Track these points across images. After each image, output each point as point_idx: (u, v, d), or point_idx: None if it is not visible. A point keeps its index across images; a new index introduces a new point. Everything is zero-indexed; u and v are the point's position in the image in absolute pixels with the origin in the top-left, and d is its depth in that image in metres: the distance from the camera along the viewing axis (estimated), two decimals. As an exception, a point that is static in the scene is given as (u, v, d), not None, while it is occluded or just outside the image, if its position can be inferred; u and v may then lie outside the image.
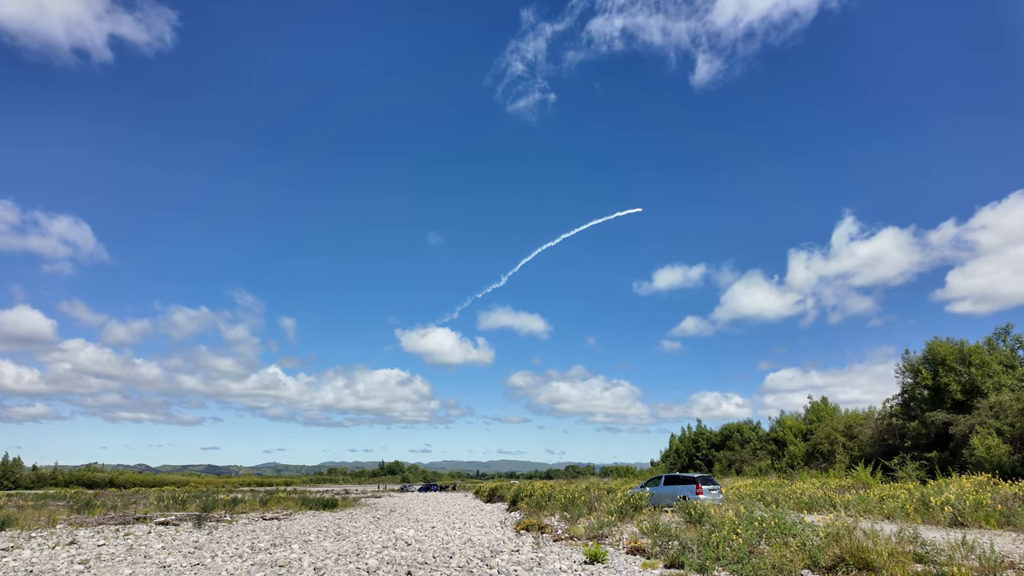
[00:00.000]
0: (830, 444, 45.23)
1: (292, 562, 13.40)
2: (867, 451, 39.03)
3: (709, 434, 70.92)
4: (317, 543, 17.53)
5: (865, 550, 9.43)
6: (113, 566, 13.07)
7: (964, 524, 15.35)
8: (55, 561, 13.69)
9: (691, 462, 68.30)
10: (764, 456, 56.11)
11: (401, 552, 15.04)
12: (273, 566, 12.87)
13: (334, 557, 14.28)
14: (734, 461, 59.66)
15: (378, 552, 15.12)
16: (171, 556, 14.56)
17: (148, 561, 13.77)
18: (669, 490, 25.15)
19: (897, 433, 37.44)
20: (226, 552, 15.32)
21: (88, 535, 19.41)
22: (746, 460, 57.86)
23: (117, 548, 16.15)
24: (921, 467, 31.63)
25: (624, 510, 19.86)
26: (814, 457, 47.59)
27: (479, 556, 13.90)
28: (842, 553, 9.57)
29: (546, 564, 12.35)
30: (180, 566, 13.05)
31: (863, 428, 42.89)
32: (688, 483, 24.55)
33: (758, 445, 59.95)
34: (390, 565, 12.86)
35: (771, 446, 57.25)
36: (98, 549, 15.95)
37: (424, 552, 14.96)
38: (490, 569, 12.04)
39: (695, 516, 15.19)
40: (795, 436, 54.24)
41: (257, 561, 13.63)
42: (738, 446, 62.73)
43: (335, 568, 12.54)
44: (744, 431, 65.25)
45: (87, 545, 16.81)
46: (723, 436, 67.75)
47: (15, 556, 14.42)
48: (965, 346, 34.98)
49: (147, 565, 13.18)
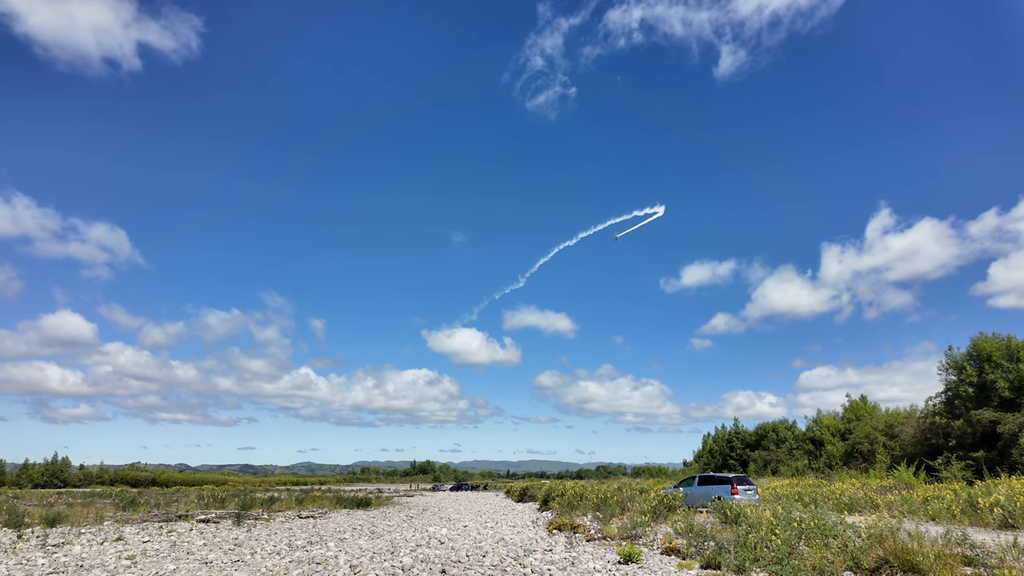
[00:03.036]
0: (870, 444, 44.07)
1: (328, 559, 13.62)
2: (909, 451, 37.89)
3: (743, 434, 69.79)
4: (352, 541, 17.78)
5: (910, 552, 9.15)
6: (158, 562, 13.48)
7: (1015, 526, 14.77)
8: (103, 557, 14.18)
9: (725, 462, 67.28)
10: (801, 456, 54.95)
11: (435, 551, 15.16)
12: (310, 563, 13.10)
13: (369, 555, 14.47)
14: (769, 461, 58.55)
15: (412, 550, 15.27)
16: (212, 553, 14.95)
17: (191, 557, 14.16)
18: (703, 490, 24.80)
19: (941, 432, 36.24)
20: (265, 549, 15.66)
21: (133, 532, 20.06)
22: (782, 460, 56.75)
23: (161, 545, 16.65)
24: (967, 467, 30.56)
25: (657, 510, 19.66)
26: (853, 457, 46.44)
27: (512, 555, 13.92)
28: (886, 555, 9.31)
29: (580, 564, 12.30)
30: (221, 562, 13.38)
31: (904, 427, 41.65)
32: (723, 483, 24.18)
33: (794, 445, 58.75)
34: (424, 563, 12.97)
35: (808, 446, 56.06)
36: (143, 545, 16.47)
37: (457, 551, 15.04)
38: (524, 568, 12.04)
39: (731, 516, 14.95)
40: (833, 435, 53.03)
41: (295, 558, 13.90)
42: (773, 446, 61.57)
43: (370, 566, 12.70)
44: (779, 430, 64.03)
45: (133, 541, 17.38)
46: (758, 436, 66.59)
47: (66, 552, 14.99)
48: (1013, 341, 33.65)
49: (190, 561, 13.56)
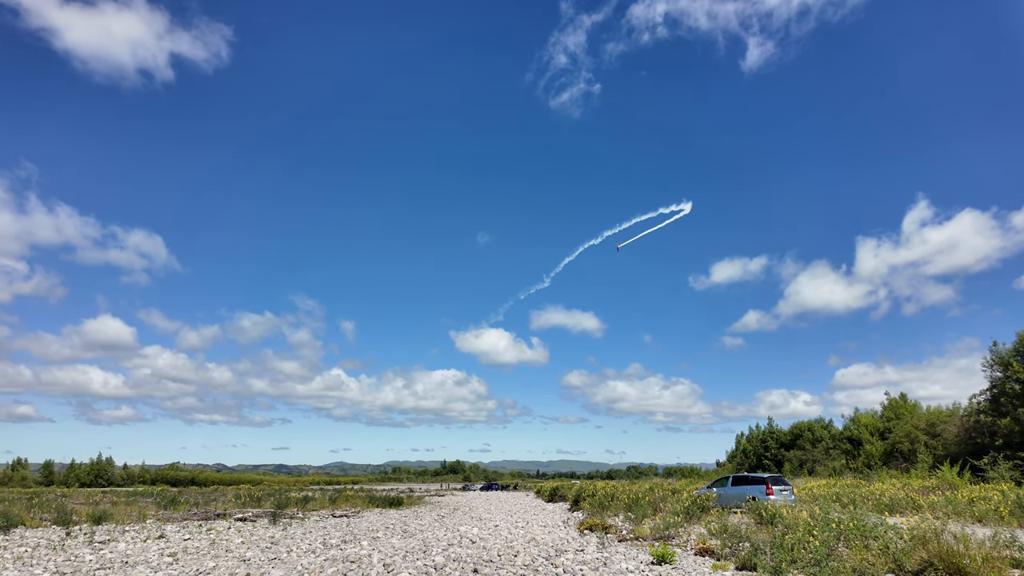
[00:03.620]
0: (911, 443, 42.82)
1: (362, 558, 13.80)
2: (952, 450, 36.69)
3: (778, 433, 68.51)
4: (385, 540, 17.99)
5: (956, 554, 8.86)
6: (198, 559, 13.84)
7: (1068, 528, 14.18)
8: (147, 554, 14.62)
9: (759, 462, 66.13)
10: (838, 456, 53.69)
11: (466, 550, 15.23)
12: (344, 562, 13.29)
13: (402, 554, 14.62)
14: (805, 461, 57.35)
15: (444, 549, 15.37)
16: (250, 551, 15.28)
17: (229, 555, 14.50)
18: (737, 491, 24.44)
19: (986, 431, 34.98)
20: (300, 548, 15.94)
21: (175, 530, 20.63)
22: (818, 460, 55.54)
23: (201, 542, 17.09)
24: (1015, 467, 29.45)
25: (691, 511, 19.42)
26: (893, 457, 45.20)
27: (544, 555, 13.90)
28: (930, 557, 9.03)
29: (612, 564, 12.22)
30: (259, 560, 13.67)
31: (947, 426, 40.36)
32: (757, 483, 23.79)
33: (831, 444, 57.43)
34: (456, 563, 13.04)
35: (845, 445, 54.75)
36: (184, 543, 16.94)
37: (489, 550, 15.09)
38: (555, 568, 12.02)
39: (766, 517, 14.68)
40: (871, 434, 51.71)
41: (329, 557, 14.12)
42: (809, 445, 60.29)
43: (403, 564, 12.83)
44: (815, 430, 62.67)
45: (174, 539, 17.88)
46: (793, 435, 65.28)
47: (111, 548, 15.51)
48: (1063, 336, 32.31)
49: (229, 559, 13.88)
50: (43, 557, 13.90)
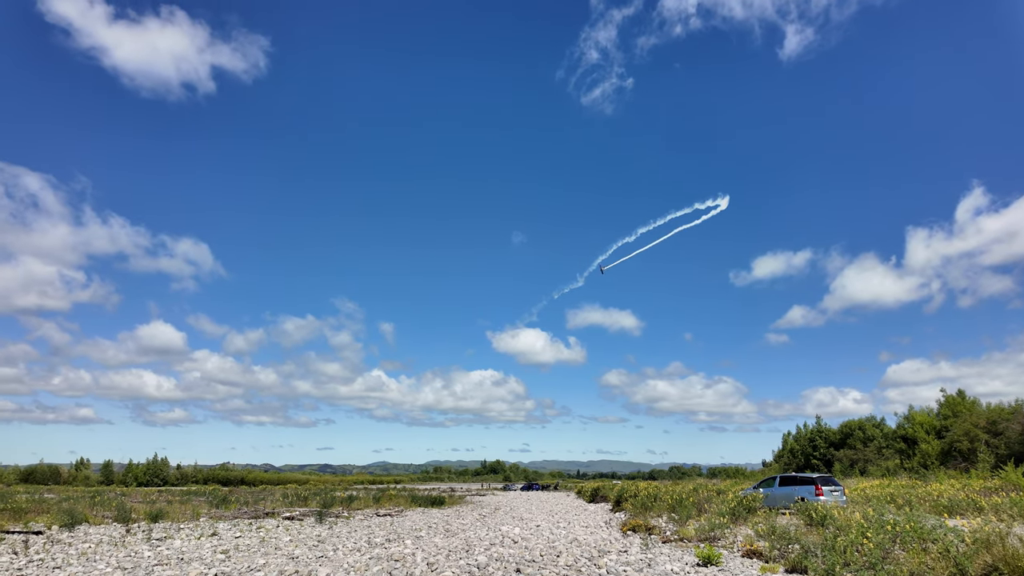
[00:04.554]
0: (970, 442, 40.93)
1: (406, 557, 13.98)
2: (1016, 449, 34.92)
3: (827, 432, 66.46)
4: (428, 539, 18.18)
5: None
6: (249, 556, 14.27)
7: None
8: (201, 551, 15.16)
9: (807, 462, 64.27)
10: (891, 455, 51.78)
11: (509, 550, 15.26)
12: (389, 560, 13.49)
13: (445, 553, 14.74)
14: (856, 461, 55.45)
15: (486, 549, 15.44)
16: (298, 549, 15.67)
17: (279, 553, 14.90)
18: (785, 491, 23.81)
19: (1054, 429, 33.17)
20: (346, 546, 16.26)
21: (226, 528, 21.32)
22: (870, 459, 53.64)
23: (251, 540, 17.62)
24: (1087, 467, 27.82)
25: (737, 511, 19.01)
26: (951, 456, 43.31)
27: (587, 555, 13.82)
28: (995, 561, 8.60)
29: (656, 565, 12.06)
30: (307, 558, 14.00)
31: (1010, 424, 38.43)
32: (807, 484, 23.13)
33: (883, 443, 55.42)
34: (499, 562, 13.08)
35: (899, 444, 52.77)
36: (236, 540, 17.48)
37: (531, 550, 15.08)
38: (599, 569, 11.93)
39: (817, 518, 14.25)
40: (927, 433, 49.67)
41: (374, 555, 14.35)
42: (860, 444, 58.28)
43: (447, 563, 12.93)
44: (867, 428, 60.54)
45: (226, 537, 18.48)
46: (843, 434, 63.22)
47: (168, 545, 16.14)
48: None
49: (278, 556, 14.26)
50: (105, 553, 14.55)
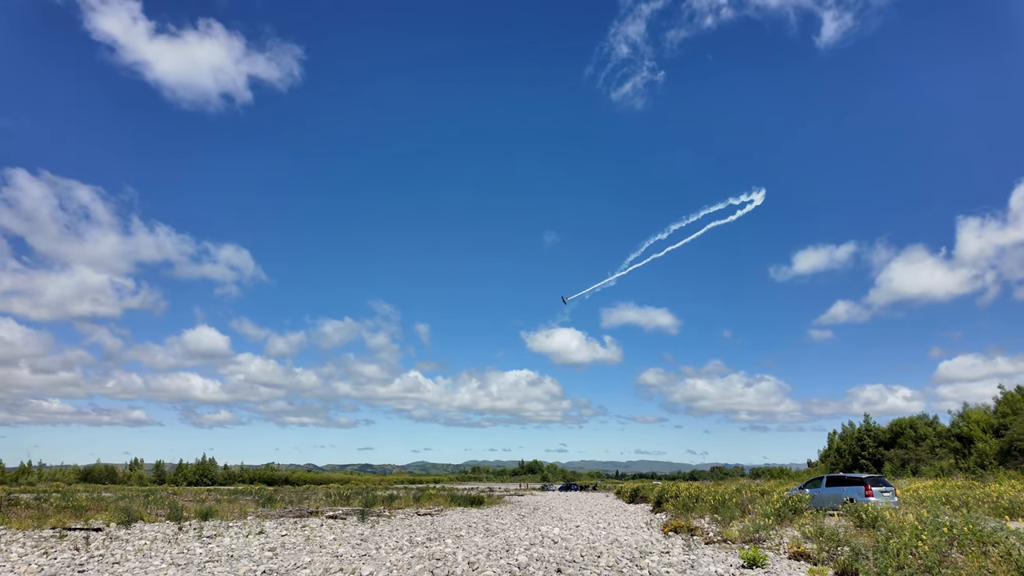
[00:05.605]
0: (1031, 440, 39.00)
1: (447, 556, 14.10)
2: (1083, 448, 33.08)
3: (876, 431, 64.28)
4: (468, 538, 18.30)
5: (1094, 564, 7.97)
6: (295, 554, 14.62)
7: None
8: (249, 548, 15.60)
9: (855, 462, 62.26)
10: (945, 455, 49.75)
11: (548, 550, 15.24)
12: (430, 559, 13.63)
13: (485, 552, 14.81)
14: (908, 460, 53.46)
15: (526, 549, 15.45)
16: (342, 547, 15.97)
17: (323, 551, 15.22)
18: (833, 492, 23.13)
19: (1124, 426, 31.32)
20: (388, 545, 16.50)
21: (273, 526, 21.89)
22: (923, 459, 51.64)
23: (297, 538, 18.04)
24: None
25: (782, 512, 18.54)
26: (1011, 455, 41.35)
27: (628, 556, 13.69)
28: (1062, 566, 8.17)
29: (699, 567, 11.86)
30: (350, 556, 14.26)
31: (1076, 421, 36.45)
32: (855, 484, 22.42)
33: (936, 442, 53.28)
34: (539, 562, 13.07)
35: (953, 443, 50.65)
36: (282, 539, 17.93)
37: (571, 550, 15.03)
38: (640, 570, 11.80)
39: (867, 520, 13.80)
40: (984, 432, 47.52)
41: (416, 554, 14.52)
42: (911, 444, 56.17)
43: (487, 563, 12.99)
44: (918, 427, 58.32)
45: (273, 535, 18.97)
46: (893, 433, 61.04)
47: (218, 543, 16.67)
48: None
49: (322, 554, 14.57)
50: (160, 550, 15.13)
